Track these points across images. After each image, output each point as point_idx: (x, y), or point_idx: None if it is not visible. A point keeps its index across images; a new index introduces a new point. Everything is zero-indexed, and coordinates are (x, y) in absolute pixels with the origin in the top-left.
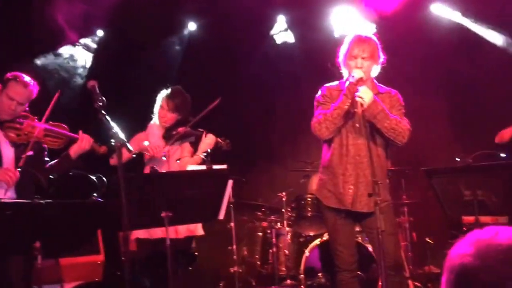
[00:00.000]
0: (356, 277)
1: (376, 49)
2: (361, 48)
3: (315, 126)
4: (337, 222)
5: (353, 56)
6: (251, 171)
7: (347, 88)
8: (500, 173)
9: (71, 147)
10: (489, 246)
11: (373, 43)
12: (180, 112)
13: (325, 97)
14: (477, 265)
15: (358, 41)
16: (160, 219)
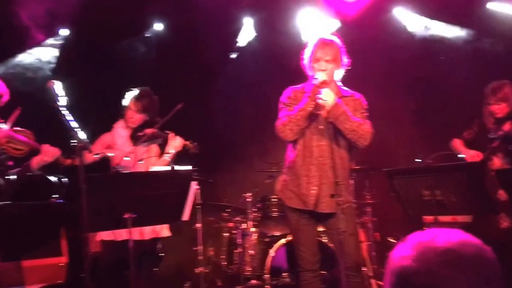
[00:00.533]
0: (318, 276)
1: (339, 52)
2: (324, 51)
3: (279, 128)
4: (299, 222)
5: (316, 59)
6: (217, 172)
7: (311, 90)
8: (458, 173)
9: (34, 158)
10: (427, 248)
11: (336, 46)
12: (147, 113)
13: (289, 99)
14: (416, 267)
15: (321, 44)
16: (123, 220)
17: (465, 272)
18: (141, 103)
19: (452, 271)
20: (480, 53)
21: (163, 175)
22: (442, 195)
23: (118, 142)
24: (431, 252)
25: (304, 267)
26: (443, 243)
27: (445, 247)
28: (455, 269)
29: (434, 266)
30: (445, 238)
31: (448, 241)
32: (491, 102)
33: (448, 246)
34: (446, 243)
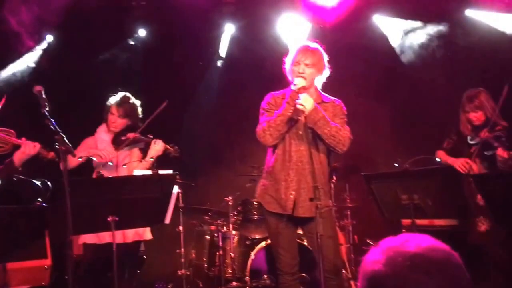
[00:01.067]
0: (297, 279)
1: (321, 59)
2: (305, 55)
3: (259, 133)
4: (278, 226)
5: (296, 62)
6: (199, 176)
7: (289, 95)
8: (435, 177)
9: (15, 153)
10: (397, 253)
11: (318, 53)
12: (129, 118)
13: (270, 105)
14: (386, 272)
15: (303, 50)
16: (106, 223)
17: (434, 276)
18: (122, 108)
19: (421, 275)
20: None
21: (145, 179)
22: (419, 199)
23: (101, 146)
24: (400, 256)
25: (283, 270)
26: (412, 248)
27: (414, 252)
28: (424, 274)
29: (403, 270)
30: (414, 243)
31: (417, 246)
32: (468, 110)
33: (417, 251)
34: (415, 248)
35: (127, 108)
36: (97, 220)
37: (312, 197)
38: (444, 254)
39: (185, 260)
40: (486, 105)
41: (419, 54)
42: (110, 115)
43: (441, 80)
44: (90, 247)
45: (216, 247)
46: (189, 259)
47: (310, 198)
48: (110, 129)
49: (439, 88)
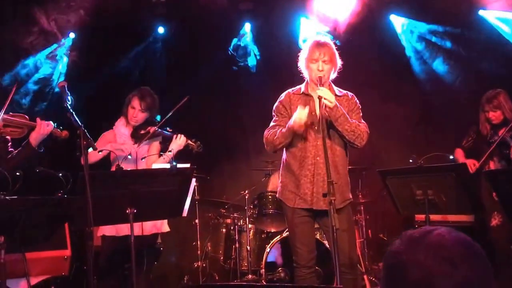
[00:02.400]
0: (314, 272)
1: (335, 53)
2: (322, 51)
3: (268, 139)
4: (297, 220)
5: (314, 59)
6: (216, 169)
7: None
8: (449, 174)
9: (31, 134)
10: (421, 244)
11: (331, 47)
12: (150, 111)
13: (284, 107)
14: (410, 263)
15: (317, 45)
16: (124, 215)
17: (458, 267)
18: (145, 102)
19: (446, 266)
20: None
21: (163, 173)
22: (434, 195)
23: (120, 140)
24: (424, 248)
25: (300, 263)
26: (436, 239)
27: (439, 243)
28: (449, 265)
29: (427, 261)
30: (438, 234)
31: (441, 238)
32: (487, 110)
33: (442, 243)
34: (439, 239)
35: (149, 101)
36: (116, 212)
37: (325, 192)
38: (468, 245)
39: (201, 253)
40: (505, 105)
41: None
42: (130, 109)
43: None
44: (109, 239)
45: (232, 240)
46: (205, 251)
47: (323, 193)
48: (131, 123)
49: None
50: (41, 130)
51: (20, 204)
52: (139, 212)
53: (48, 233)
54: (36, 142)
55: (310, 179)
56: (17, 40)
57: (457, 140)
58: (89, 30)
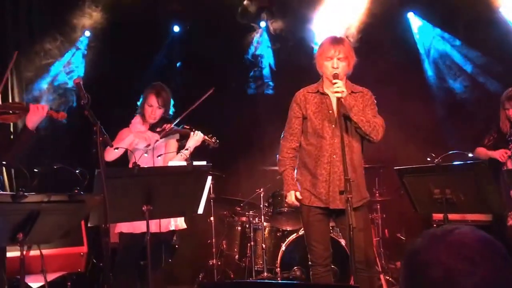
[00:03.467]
0: (329, 271)
1: (350, 50)
2: (337, 49)
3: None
4: (312, 218)
5: (329, 57)
6: (232, 167)
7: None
8: (467, 172)
9: (26, 118)
10: (443, 243)
11: (347, 44)
12: (166, 107)
13: (298, 106)
14: (427, 259)
15: (333, 42)
16: (141, 212)
17: (479, 267)
18: (161, 98)
19: (467, 265)
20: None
21: (180, 170)
22: (452, 194)
23: None
24: (446, 246)
25: (316, 261)
26: (458, 238)
27: (460, 242)
28: (470, 264)
29: (448, 260)
30: (459, 233)
31: (463, 236)
32: (508, 107)
33: (463, 241)
34: (461, 238)
35: (165, 97)
36: (132, 209)
37: (343, 190)
38: (490, 245)
39: (216, 250)
40: None
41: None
42: (147, 107)
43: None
44: (126, 236)
45: (247, 238)
46: (220, 249)
47: (341, 191)
48: (149, 120)
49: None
50: (36, 112)
51: (38, 200)
52: (155, 209)
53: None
54: (33, 125)
55: (326, 178)
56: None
57: (477, 138)
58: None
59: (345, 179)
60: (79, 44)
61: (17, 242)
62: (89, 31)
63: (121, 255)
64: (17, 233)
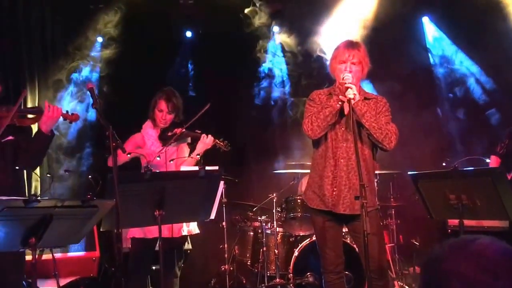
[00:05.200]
0: (342, 278)
1: (365, 55)
2: (352, 53)
3: (307, 125)
4: (324, 224)
5: (342, 61)
6: (244, 172)
7: (338, 88)
8: (484, 178)
9: (40, 122)
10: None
11: (363, 49)
12: (177, 112)
13: (314, 102)
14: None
15: (348, 46)
16: (153, 217)
17: (500, 279)
18: (172, 103)
19: (488, 278)
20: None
21: (192, 175)
22: (468, 199)
23: (148, 143)
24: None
25: (328, 268)
26: (479, 249)
27: (482, 253)
28: (491, 276)
29: (469, 271)
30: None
31: (485, 247)
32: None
33: (484, 253)
34: (482, 249)
35: (175, 103)
36: (144, 214)
37: (357, 195)
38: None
39: (228, 256)
40: None
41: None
42: (158, 112)
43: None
44: (138, 241)
45: (259, 243)
46: (233, 255)
47: (356, 196)
48: (159, 125)
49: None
50: (50, 114)
51: (51, 205)
52: (168, 214)
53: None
54: (47, 127)
55: (332, 180)
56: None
57: (493, 144)
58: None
59: (360, 185)
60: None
61: (30, 247)
62: (101, 37)
63: (133, 260)
64: (30, 238)
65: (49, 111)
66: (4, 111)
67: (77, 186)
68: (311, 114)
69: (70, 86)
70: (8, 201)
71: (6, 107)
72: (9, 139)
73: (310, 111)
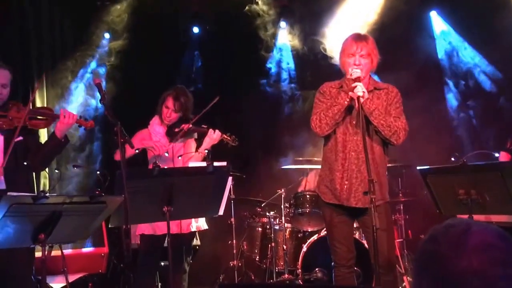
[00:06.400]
0: (353, 272)
1: (374, 47)
2: (359, 45)
3: (315, 123)
4: (335, 218)
5: (351, 54)
6: (252, 168)
7: (346, 84)
8: (493, 173)
9: (56, 126)
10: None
11: (371, 41)
12: (184, 111)
13: (324, 95)
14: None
15: (356, 39)
16: (161, 213)
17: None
18: (179, 102)
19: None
20: None
21: (200, 171)
22: (477, 194)
23: (155, 139)
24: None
25: (339, 262)
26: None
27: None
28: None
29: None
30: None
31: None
32: None
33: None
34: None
35: (183, 102)
36: (153, 210)
37: (367, 190)
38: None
39: (236, 252)
40: None
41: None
42: (164, 108)
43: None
44: (147, 238)
45: (268, 239)
46: (241, 250)
47: (365, 191)
48: (164, 121)
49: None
50: (65, 121)
51: (60, 201)
52: (176, 210)
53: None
54: (62, 133)
55: (342, 174)
56: None
57: (502, 138)
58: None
59: (369, 180)
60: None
61: (39, 243)
62: (108, 33)
63: (142, 257)
64: (39, 234)
65: (65, 117)
66: (14, 111)
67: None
68: (320, 111)
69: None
70: (17, 197)
71: (16, 107)
72: (19, 140)
73: (319, 107)
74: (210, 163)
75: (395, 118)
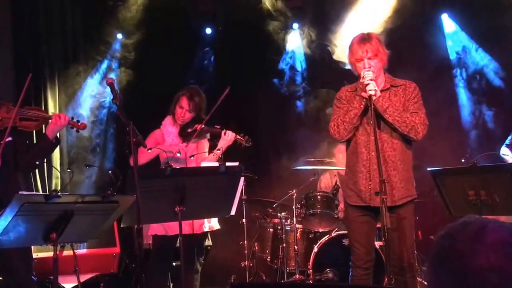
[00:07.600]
0: (370, 274)
1: (379, 45)
2: (364, 48)
3: (334, 129)
4: (356, 219)
5: (359, 59)
6: (264, 169)
7: (360, 89)
8: (503, 174)
9: (47, 127)
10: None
11: (374, 40)
12: (198, 111)
13: (341, 100)
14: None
15: (359, 43)
16: (173, 213)
17: None
18: (193, 102)
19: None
20: None
21: (212, 171)
22: (486, 195)
23: (168, 139)
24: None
25: (356, 263)
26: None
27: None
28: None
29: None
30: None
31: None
32: None
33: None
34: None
35: (197, 101)
36: (165, 210)
37: (378, 191)
38: None
39: (248, 252)
40: None
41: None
42: (178, 108)
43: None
44: (160, 238)
45: (279, 240)
46: (252, 251)
47: (376, 192)
48: (178, 122)
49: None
50: (57, 122)
51: (72, 200)
52: (188, 210)
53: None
54: (53, 135)
55: (366, 175)
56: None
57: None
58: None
59: (380, 180)
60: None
61: (51, 242)
62: (121, 33)
63: (154, 257)
64: (51, 233)
65: (57, 119)
66: (4, 111)
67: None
68: (337, 117)
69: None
70: (29, 197)
71: (6, 107)
72: (9, 140)
73: (336, 113)
74: (222, 164)
75: (412, 114)
